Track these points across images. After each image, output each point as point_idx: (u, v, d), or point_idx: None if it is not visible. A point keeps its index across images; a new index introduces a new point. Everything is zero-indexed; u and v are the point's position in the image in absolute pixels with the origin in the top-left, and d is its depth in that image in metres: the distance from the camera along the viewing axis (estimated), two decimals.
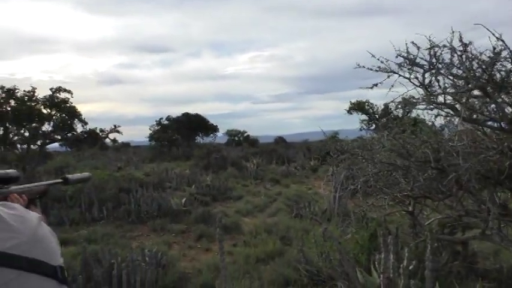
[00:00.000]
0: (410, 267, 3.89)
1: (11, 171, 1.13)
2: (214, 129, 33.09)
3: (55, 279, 0.58)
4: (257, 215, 9.60)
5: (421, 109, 4.70)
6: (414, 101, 4.64)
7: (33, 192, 1.22)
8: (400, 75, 4.59)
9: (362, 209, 5.21)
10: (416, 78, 4.47)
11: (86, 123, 23.16)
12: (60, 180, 1.40)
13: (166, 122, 31.39)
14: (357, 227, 5.22)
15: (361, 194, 5.33)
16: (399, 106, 5.13)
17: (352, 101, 27.07)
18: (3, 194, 1.08)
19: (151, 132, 30.64)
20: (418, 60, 4.47)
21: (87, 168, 14.45)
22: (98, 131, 23.81)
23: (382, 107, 23.96)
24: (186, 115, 31.80)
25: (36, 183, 1.28)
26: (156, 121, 31.42)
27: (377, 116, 25.23)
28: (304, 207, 8.77)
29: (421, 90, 4.60)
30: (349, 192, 7.47)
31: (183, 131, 30.69)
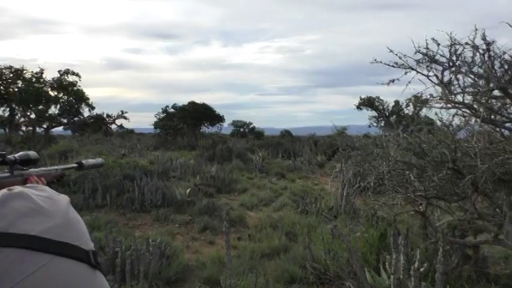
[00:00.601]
0: (422, 269, 3.79)
1: (31, 153, 1.11)
2: (220, 119, 32.88)
3: (88, 263, 0.57)
4: (262, 208, 9.50)
5: (437, 108, 4.57)
6: (431, 99, 4.51)
7: (51, 175, 1.22)
8: (418, 72, 4.46)
9: (372, 207, 5.09)
10: (436, 76, 4.34)
11: (93, 108, 23.09)
12: (75, 165, 1.40)
13: (172, 110, 31.23)
14: (366, 226, 5.10)
15: (371, 192, 5.22)
16: (410, 104, 5.00)
17: (362, 97, 26.87)
18: (24, 176, 1.06)
19: (156, 119, 30.51)
20: (437, 57, 4.34)
21: (91, 154, 14.42)
22: (104, 116, 23.73)
23: (393, 103, 23.78)
24: (192, 104, 31.59)
25: (54, 167, 1.29)
26: (162, 109, 31.28)
27: (387, 113, 25.02)
28: (311, 203, 8.67)
29: (439, 89, 4.47)
30: (358, 190, 7.37)
31: (188, 120, 30.52)
